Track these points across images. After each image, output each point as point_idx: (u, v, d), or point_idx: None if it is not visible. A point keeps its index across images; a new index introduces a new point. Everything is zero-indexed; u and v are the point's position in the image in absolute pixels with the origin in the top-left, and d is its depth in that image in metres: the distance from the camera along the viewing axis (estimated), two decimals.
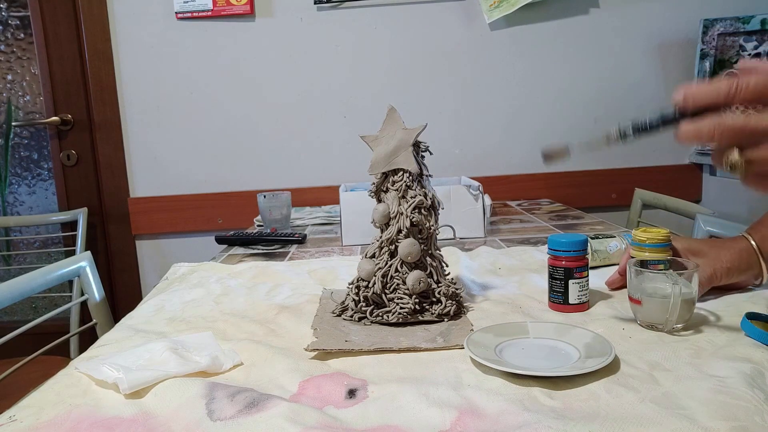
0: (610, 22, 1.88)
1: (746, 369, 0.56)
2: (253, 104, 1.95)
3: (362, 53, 1.92)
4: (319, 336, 0.72)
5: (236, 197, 1.97)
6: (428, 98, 1.93)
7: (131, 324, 0.82)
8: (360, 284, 0.79)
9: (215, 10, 1.88)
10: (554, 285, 0.79)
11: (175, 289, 0.98)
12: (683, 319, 0.68)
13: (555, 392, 0.55)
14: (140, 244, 2.04)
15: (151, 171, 1.99)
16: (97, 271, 1.16)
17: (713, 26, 1.81)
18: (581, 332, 0.67)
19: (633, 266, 0.71)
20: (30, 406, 0.58)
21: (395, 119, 0.81)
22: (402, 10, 1.89)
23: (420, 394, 0.55)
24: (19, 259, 2.19)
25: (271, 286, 0.98)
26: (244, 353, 0.68)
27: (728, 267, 0.77)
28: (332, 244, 1.33)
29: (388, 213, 0.79)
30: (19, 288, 0.99)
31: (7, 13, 2.03)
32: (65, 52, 1.98)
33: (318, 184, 1.98)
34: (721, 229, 1.23)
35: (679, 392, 0.54)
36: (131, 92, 1.95)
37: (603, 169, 1.96)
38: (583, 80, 1.91)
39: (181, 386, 0.58)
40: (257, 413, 0.53)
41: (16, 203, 2.12)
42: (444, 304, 0.77)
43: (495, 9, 1.85)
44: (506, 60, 1.91)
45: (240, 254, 1.28)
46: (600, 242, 0.98)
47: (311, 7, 1.89)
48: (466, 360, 0.64)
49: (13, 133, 2.08)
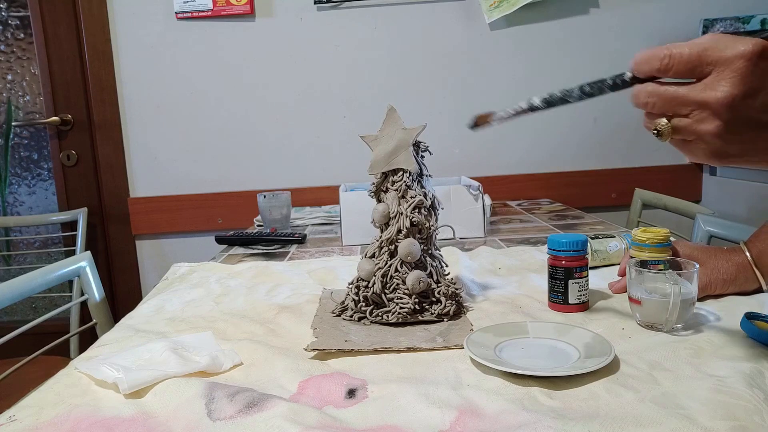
0: (610, 22, 1.88)
1: (746, 369, 0.56)
2: (253, 104, 1.95)
3: (362, 53, 1.92)
4: (319, 336, 0.72)
5: (236, 197, 1.97)
6: (428, 98, 1.93)
7: (131, 324, 0.82)
8: (360, 284, 0.79)
9: (215, 10, 1.88)
10: (554, 285, 0.79)
11: (175, 289, 0.98)
12: (683, 319, 0.68)
13: (554, 392, 0.55)
14: (140, 244, 2.04)
15: (151, 171, 1.99)
16: (97, 271, 1.16)
17: (713, 26, 1.81)
18: (581, 332, 0.67)
19: (633, 266, 0.71)
20: (30, 406, 0.58)
21: (395, 119, 0.81)
22: (402, 10, 1.89)
23: (420, 394, 0.55)
24: (19, 259, 2.19)
25: (270, 286, 0.98)
26: (244, 353, 0.68)
27: (724, 279, 0.78)
28: (332, 244, 1.33)
29: (388, 213, 0.79)
30: (19, 288, 0.99)
31: (7, 13, 2.03)
32: (65, 52, 1.98)
33: (318, 184, 1.98)
34: (721, 229, 1.23)
35: (678, 392, 0.54)
36: (131, 92, 1.95)
37: (603, 169, 1.96)
38: (582, 80, 1.90)
39: (180, 386, 0.58)
40: (257, 413, 0.53)
41: (16, 203, 2.12)
42: (444, 304, 0.77)
43: (495, 9, 1.85)
44: (506, 60, 1.91)
45: (240, 254, 1.28)
46: (600, 242, 0.98)
47: (311, 7, 1.89)
48: (465, 360, 0.64)
49: (13, 133, 2.08)
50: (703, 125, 0.48)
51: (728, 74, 0.46)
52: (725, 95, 0.46)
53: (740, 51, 0.46)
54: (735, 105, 0.46)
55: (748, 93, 0.46)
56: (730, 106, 0.46)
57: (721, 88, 0.46)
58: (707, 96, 0.47)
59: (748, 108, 0.46)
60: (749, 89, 0.46)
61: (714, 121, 0.48)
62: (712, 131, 0.48)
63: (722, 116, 0.47)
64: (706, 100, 0.47)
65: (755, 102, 0.46)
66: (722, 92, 0.46)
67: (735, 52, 0.46)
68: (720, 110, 0.47)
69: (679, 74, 0.48)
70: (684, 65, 0.48)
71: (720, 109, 0.47)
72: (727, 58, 0.46)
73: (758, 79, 0.46)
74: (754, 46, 0.45)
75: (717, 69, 0.46)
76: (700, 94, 0.47)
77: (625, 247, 0.98)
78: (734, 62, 0.46)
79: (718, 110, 0.47)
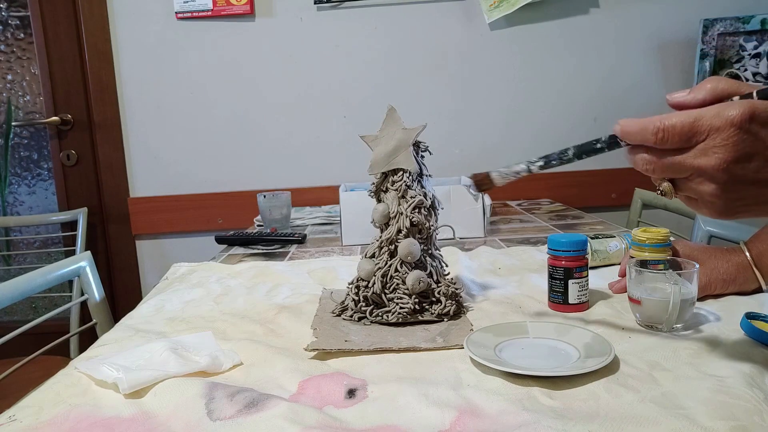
0: (610, 22, 1.88)
1: (746, 369, 0.56)
2: (253, 104, 1.95)
3: (362, 53, 1.92)
4: (319, 336, 0.72)
5: (236, 197, 1.97)
6: (428, 98, 1.93)
7: (131, 324, 0.82)
8: (360, 284, 0.79)
9: (215, 10, 1.88)
10: (554, 285, 0.79)
11: (175, 289, 0.98)
12: (683, 319, 0.68)
13: (555, 392, 0.55)
14: (140, 244, 2.04)
15: (151, 171, 1.99)
16: (97, 271, 1.16)
17: (713, 26, 1.80)
18: (581, 332, 0.67)
19: (633, 266, 0.71)
20: (30, 406, 0.58)
21: (395, 119, 0.81)
22: (402, 10, 1.89)
23: (419, 394, 0.55)
24: (19, 259, 2.19)
25: (270, 286, 0.98)
26: (244, 353, 0.68)
27: (724, 279, 0.78)
28: (332, 244, 1.33)
29: (388, 213, 0.79)
30: (19, 288, 0.99)
31: (7, 13, 2.03)
32: (65, 52, 1.98)
33: (318, 184, 1.97)
34: (721, 229, 1.23)
35: (678, 392, 0.54)
36: (131, 92, 1.95)
37: (603, 169, 1.95)
38: (582, 80, 1.91)
39: (180, 386, 0.58)
40: (257, 413, 0.53)
41: (16, 203, 2.12)
42: (444, 304, 0.77)
43: (495, 9, 1.85)
44: (506, 60, 1.91)
45: (240, 254, 1.28)
46: (600, 242, 0.98)
47: (311, 7, 1.89)
48: (465, 360, 0.64)
49: (13, 133, 2.08)
50: (702, 187, 0.49)
51: (720, 142, 0.47)
52: (719, 162, 0.47)
53: (730, 118, 0.46)
54: (730, 169, 0.47)
55: (741, 158, 0.47)
56: (725, 170, 0.47)
57: (715, 155, 0.47)
58: (702, 163, 0.48)
59: (744, 170, 0.47)
60: (742, 154, 0.47)
61: (711, 184, 0.48)
62: (712, 192, 0.49)
63: (718, 180, 0.48)
64: (702, 166, 0.48)
65: (750, 164, 0.47)
66: (716, 159, 0.47)
67: (725, 120, 0.46)
68: (716, 175, 0.48)
69: (674, 146, 0.49)
70: (678, 137, 0.48)
71: (715, 174, 0.47)
72: (718, 126, 0.46)
73: (750, 144, 0.46)
74: (742, 113, 0.46)
75: (710, 136, 0.47)
76: (695, 160, 0.48)
77: (625, 247, 0.98)
78: (725, 130, 0.46)
79: (714, 175, 0.48)
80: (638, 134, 0.50)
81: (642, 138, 0.50)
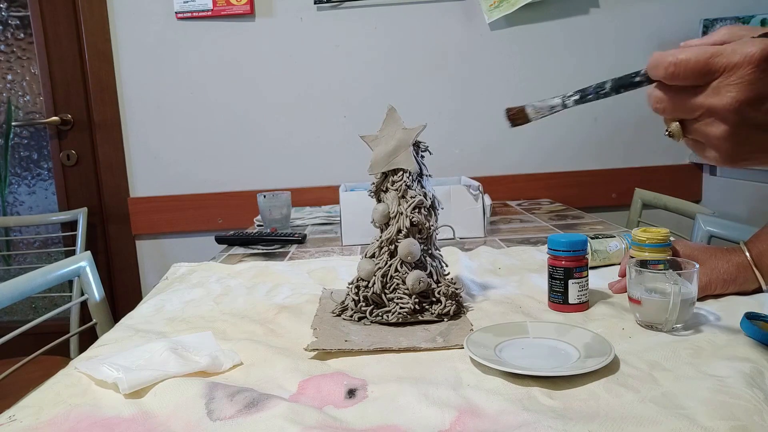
0: (610, 22, 1.88)
1: (746, 369, 0.56)
2: (253, 104, 1.95)
3: (362, 53, 1.92)
4: (319, 336, 0.72)
5: (236, 197, 1.97)
6: (428, 98, 1.93)
7: (131, 324, 0.82)
8: (360, 284, 0.79)
9: (215, 10, 1.88)
10: (554, 285, 0.79)
11: (175, 289, 0.98)
12: (683, 319, 0.68)
13: (555, 392, 0.55)
14: (140, 244, 2.04)
15: (151, 171, 1.99)
16: (97, 271, 1.16)
17: (713, 26, 1.80)
18: (581, 332, 0.67)
19: (633, 266, 0.71)
20: (30, 406, 0.58)
21: (395, 119, 0.81)
22: (402, 10, 1.89)
23: (419, 394, 0.55)
24: (19, 259, 2.19)
25: (270, 286, 0.98)
26: (244, 353, 0.68)
27: (724, 279, 0.78)
28: (332, 244, 1.33)
29: (388, 213, 0.79)
30: (19, 288, 0.99)
31: (7, 13, 2.03)
32: (65, 52, 1.98)
33: (318, 184, 1.97)
34: (721, 229, 1.23)
35: (678, 392, 0.54)
36: (131, 92, 1.95)
37: (603, 169, 1.95)
38: (582, 80, 1.90)
39: (180, 386, 0.58)
40: (257, 413, 0.53)
41: (16, 203, 2.12)
42: (444, 304, 0.77)
43: (495, 9, 1.85)
44: (506, 60, 1.91)
45: (240, 254, 1.28)
46: (600, 242, 0.98)
47: (311, 7, 1.89)
48: (465, 360, 0.64)
49: (13, 133, 2.08)
50: (711, 129, 0.48)
51: (735, 80, 0.45)
52: (731, 101, 0.46)
53: (749, 55, 0.45)
54: (741, 110, 0.46)
55: (755, 99, 0.45)
56: (736, 111, 0.46)
57: (728, 94, 0.46)
58: (714, 102, 0.47)
59: (756, 112, 0.46)
60: (756, 95, 0.45)
61: (721, 125, 0.47)
62: (720, 135, 0.48)
63: (729, 121, 0.47)
64: (713, 105, 0.47)
65: (762, 107, 0.46)
66: (728, 98, 0.46)
67: (743, 56, 0.45)
68: (727, 115, 0.46)
69: (685, 82, 0.47)
70: (690, 73, 0.47)
71: (726, 114, 0.46)
72: (735, 62, 0.45)
73: (765, 85, 0.45)
74: (763, 50, 0.44)
75: (725, 73, 0.46)
76: (707, 99, 0.47)
77: (625, 247, 0.98)
78: (742, 67, 0.45)
79: (725, 115, 0.47)
80: (654, 66, 0.49)
81: (656, 71, 0.49)
